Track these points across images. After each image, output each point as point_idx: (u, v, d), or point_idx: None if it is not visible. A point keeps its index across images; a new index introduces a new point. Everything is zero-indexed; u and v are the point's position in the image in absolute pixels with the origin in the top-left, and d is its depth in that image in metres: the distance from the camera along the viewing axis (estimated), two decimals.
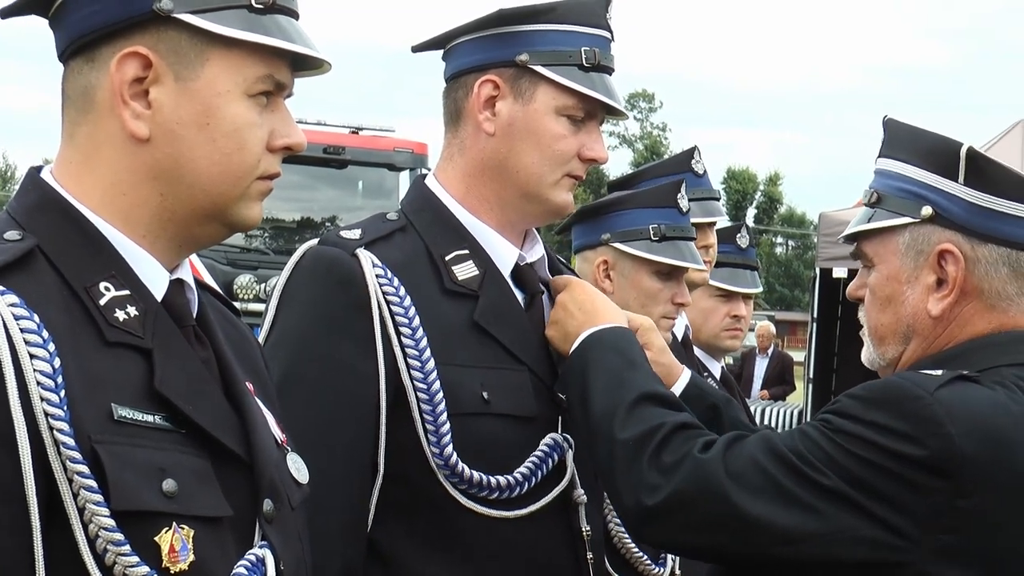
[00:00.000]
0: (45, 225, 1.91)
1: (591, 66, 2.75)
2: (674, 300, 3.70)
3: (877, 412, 2.31)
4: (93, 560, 1.74)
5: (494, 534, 2.65)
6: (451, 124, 2.83)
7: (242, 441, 1.99)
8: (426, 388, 2.59)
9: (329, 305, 2.63)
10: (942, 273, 2.45)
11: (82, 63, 1.96)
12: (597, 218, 3.76)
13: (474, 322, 2.70)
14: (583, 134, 2.77)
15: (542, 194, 2.76)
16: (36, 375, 1.73)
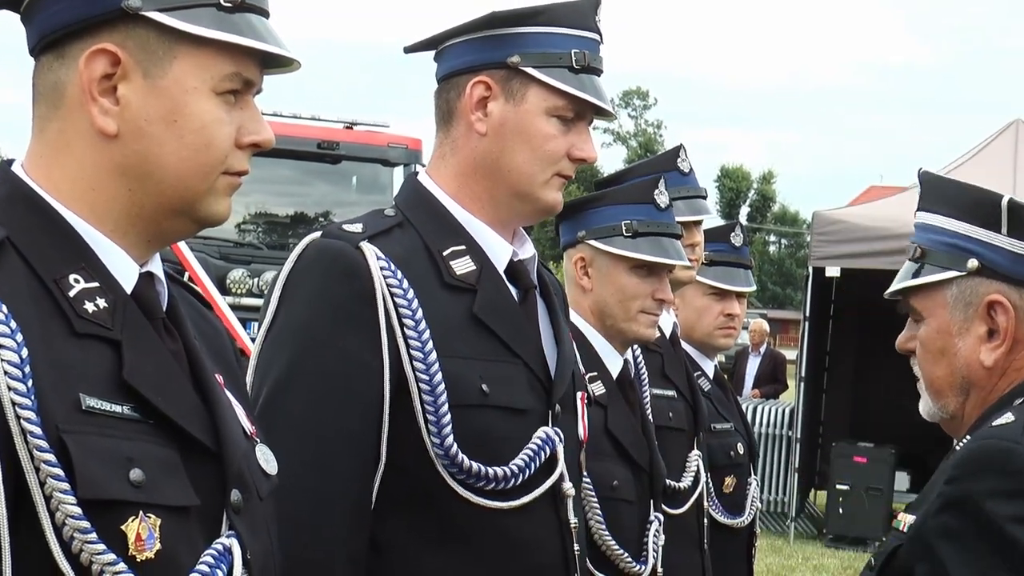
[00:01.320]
0: (15, 217, 1.91)
1: (581, 68, 2.77)
2: (655, 296, 3.68)
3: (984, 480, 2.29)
4: (60, 548, 1.75)
5: (488, 524, 2.66)
6: (443, 124, 2.84)
7: (210, 432, 1.99)
8: (428, 380, 2.61)
9: (335, 296, 2.63)
10: (993, 324, 2.44)
11: (52, 59, 1.97)
12: (575, 216, 3.77)
13: (473, 315, 2.72)
14: (572, 134, 2.79)
15: (533, 193, 2.79)
16: (3, 364, 1.73)
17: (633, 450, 3.69)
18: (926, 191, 2.57)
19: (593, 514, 3.53)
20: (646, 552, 3.66)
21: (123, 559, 1.78)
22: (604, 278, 3.69)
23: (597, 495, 3.54)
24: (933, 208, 2.53)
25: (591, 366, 3.65)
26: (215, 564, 1.90)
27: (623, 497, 3.63)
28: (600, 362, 3.70)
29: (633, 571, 3.61)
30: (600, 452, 3.56)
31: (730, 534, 4.57)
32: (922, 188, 2.58)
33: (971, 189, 2.52)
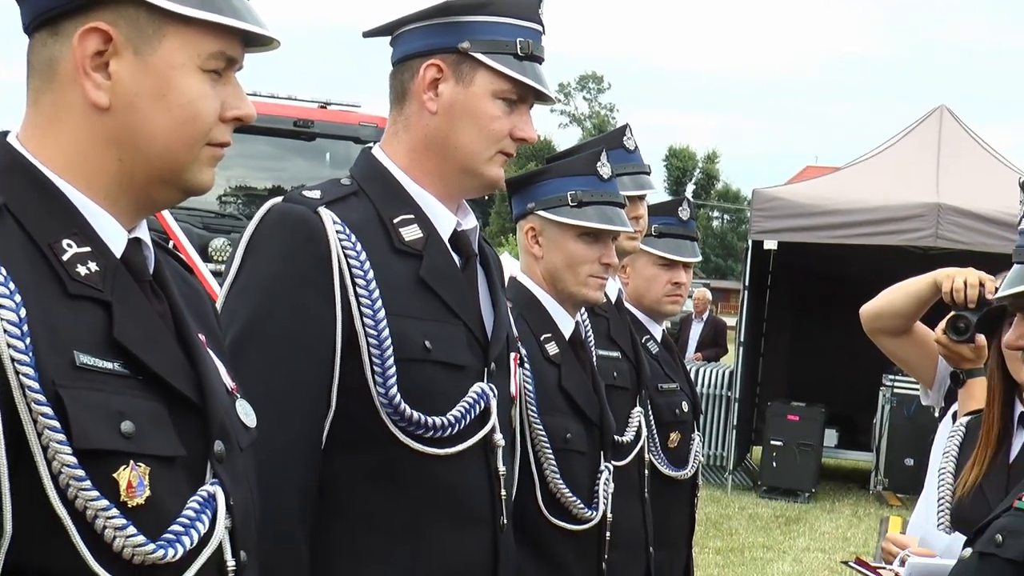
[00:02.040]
0: (10, 186, 1.91)
1: (524, 55, 2.81)
2: (601, 261, 3.69)
3: None
4: (56, 495, 1.75)
5: (425, 469, 2.70)
6: (397, 103, 2.88)
7: (195, 387, 1.99)
8: (376, 335, 2.65)
9: (295, 256, 2.66)
10: None
11: (46, 36, 1.95)
12: (524, 189, 3.79)
13: (419, 278, 2.75)
14: (515, 116, 2.83)
15: (477, 168, 2.83)
16: (3, 324, 1.73)
17: (585, 406, 3.70)
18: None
19: (548, 464, 3.55)
20: (596, 499, 3.68)
21: (115, 505, 1.79)
22: (553, 246, 3.70)
23: (552, 447, 3.56)
24: None
25: (545, 328, 3.69)
26: (200, 510, 1.92)
27: (576, 449, 3.64)
28: (553, 324, 3.71)
29: (585, 516, 3.63)
30: (554, 408, 3.60)
31: (675, 485, 4.60)
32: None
33: None
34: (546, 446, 3.55)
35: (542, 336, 3.66)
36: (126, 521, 1.80)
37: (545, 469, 3.55)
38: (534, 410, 3.54)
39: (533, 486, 3.52)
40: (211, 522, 1.94)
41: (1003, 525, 2.43)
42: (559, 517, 3.57)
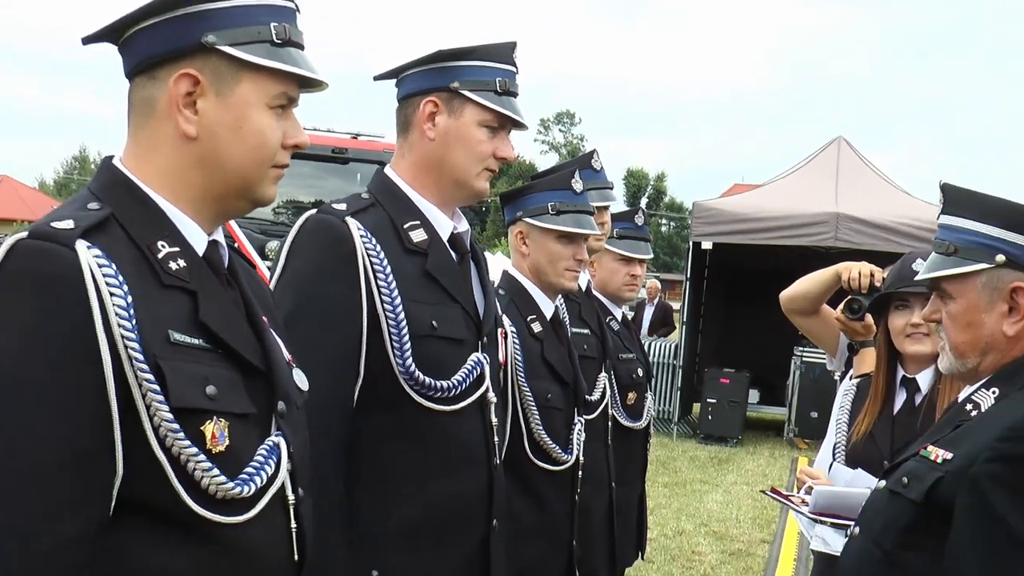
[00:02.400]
0: (116, 199, 1.92)
1: (503, 92, 2.83)
2: (575, 257, 3.71)
3: None
4: (157, 443, 1.78)
5: (434, 422, 2.70)
6: (402, 132, 2.88)
7: (261, 359, 2.01)
8: (395, 317, 2.65)
9: (328, 256, 2.66)
10: (1013, 303, 2.37)
11: (145, 80, 1.96)
12: (514, 201, 3.79)
13: (426, 271, 2.76)
14: (497, 140, 2.85)
15: (468, 182, 2.84)
16: (115, 308, 1.75)
17: (562, 372, 3.70)
18: (950, 199, 2.49)
19: (533, 419, 3.57)
20: (571, 446, 3.69)
21: (202, 451, 1.82)
22: (537, 246, 3.70)
23: (536, 404, 3.57)
24: (957, 212, 2.45)
25: (531, 311, 3.69)
26: (267, 456, 1.94)
27: (555, 406, 3.64)
28: (537, 307, 3.71)
29: (562, 459, 3.64)
30: (538, 374, 3.60)
31: (632, 434, 4.60)
32: (946, 196, 2.50)
33: (997, 199, 2.44)
34: (531, 404, 3.57)
35: (528, 317, 3.66)
36: (211, 464, 1.83)
37: (531, 422, 3.56)
38: (522, 376, 3.56)
39: (521, 436, 3.52)
40: (276, 465, 1.95)
41: (909, 469, 2.40)
42: (542, 460, 3.58)
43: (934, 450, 2.36)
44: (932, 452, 2.36)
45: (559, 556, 3.67)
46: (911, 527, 2.33)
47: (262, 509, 1.91)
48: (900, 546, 2.34)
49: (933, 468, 2.32)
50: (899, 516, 2.36)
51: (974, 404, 2.41)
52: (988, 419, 2.32)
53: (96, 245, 1.78)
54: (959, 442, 2.32)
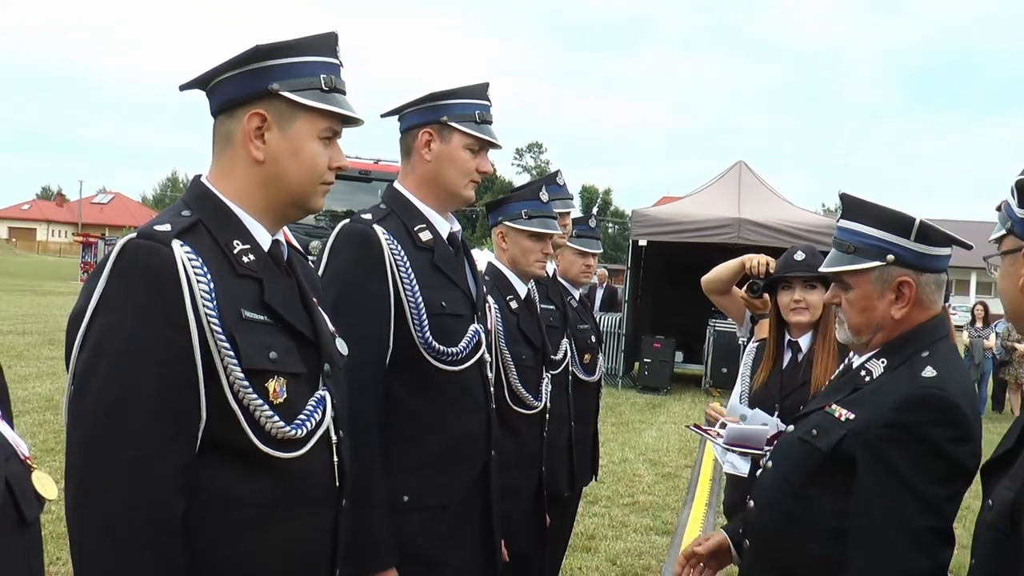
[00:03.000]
0: (203, 208, 1.94)
1: (482, 121, 2.77)
2: (542, 252, 3.68)
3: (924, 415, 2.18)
4: (232, 397, 1.81)
5: (447, 379, 2.67)
6: (405, 156, 2.82)
7: (312, 331, 2.01)
8: (415, 301, 2.61)
9: (361, 257, 2.61)
10: (899, 293, 2.35)
11: (225, 118, 1.99)
12: (496, 209, 3.77)
13: (433, 264, 2.71)
14: (479, 159, 2.78)
15: (458, 193, 2.79)
16: (201, 292, 1.78)
17: (534, 339, 3.68)
18: (847, 206, 2.44)
19: (511, 375, 3.56)
20: (541, 395, 3.68)
21: (267, 403, 1.84)
22: (514, 243, 3.67)
23: (514, 364, 3.57)
24: (855, 218, 2.41)
25: (509, 292, 3.66)
26: (315, 406, 1.96)
27: (528, 365, 3.63)
28: (514, 289, 3.68)
29: (534, 405, 3.63)
30: (515, 340, 3.59)
31: (588, 386, 4.57)
32: (844, 203, 2.45)
33: (890, 211, 2.39)
34: (510, 363, 3.56)
35: (507, 296, 3.63)
36: (273, 413, 1.85)
37: (509, 377, 3.55)
38: (503, 341, 3.54)
39: (503, 388, 3.50)
40: (322, 414, 1.96)
41: (817, 422, 2.37)
42: (518, 406, 3.57)
43: (838, 409, 2.33)
44: (836, 410, 2.33)
45: (531, 479, 3.65)
46: (817, 469, 2.30)
47: (311, 447, 1.93)
48: (807, 483, 2.31)
49: (837, 424, 2.29)
50: (808, 459, 2.33)
51: (867, 371, 2.38)
52: (882, 387, 2.29)
53: (187, 243, 1.82)
54: (858, 404, 2.29)
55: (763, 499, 2.45)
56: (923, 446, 2.14)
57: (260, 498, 1.85)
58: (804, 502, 2.31)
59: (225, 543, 1.82)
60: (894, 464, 2.14)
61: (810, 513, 2.29)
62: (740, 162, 17.04)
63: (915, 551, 2.09)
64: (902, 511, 2.12)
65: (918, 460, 2.13)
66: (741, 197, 15.61)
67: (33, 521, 1.40)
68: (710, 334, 16.02)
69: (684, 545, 2.87)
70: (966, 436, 2.17)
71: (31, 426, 8.81)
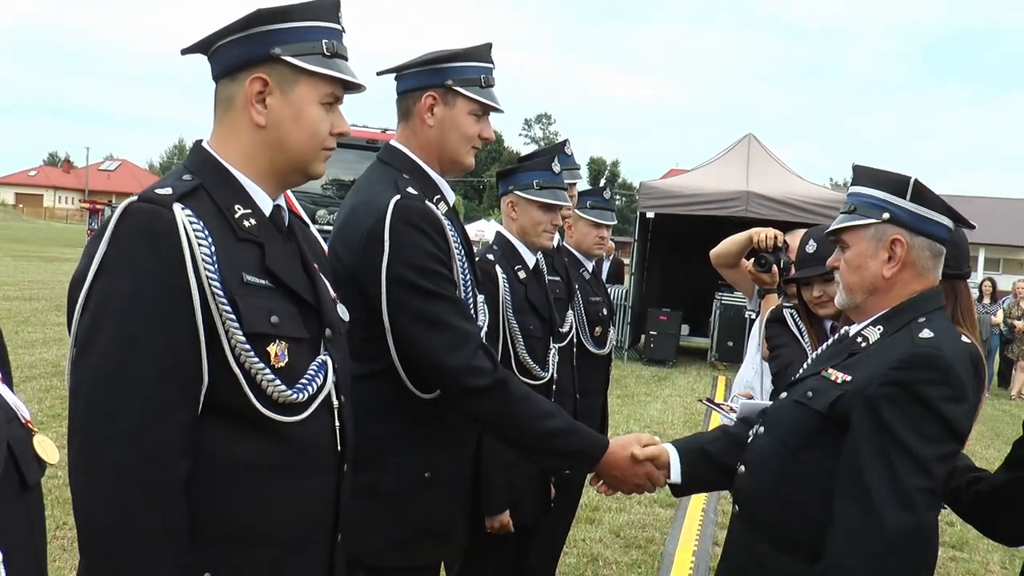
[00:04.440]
0: (204, 173, 1.93)
1: (486, 85, 2.70)
2: (552, 223, 3.65)
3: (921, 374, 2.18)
4: (233, 360, 1.81)
5: None
6: (403, 119, 2.73)
7: (313, 296, 2.00)
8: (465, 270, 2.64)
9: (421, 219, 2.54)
10: (892, 252, 2.35)
11: (227, 82, 1.97)
12: (507, 177, 3.71)
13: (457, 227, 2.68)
14: (481, 124, 2.72)
15: (460, 159, 2.72)
16: (202, 256, 1.78)
17: (541, 309, 3.65)
18: (857, 174, 2.46)
19: (519, 345, 3.53)
20: (547, 365, 3.66)
21: (268, 367, 1.84)
22: (524, 213, 3.63)
23: (521, 334, 3.54)
24: (862, 183, 2.42)
25: (517, 262, 3.62)
26: (317, 370, 1.95)
27: (535, 335, 3.60)
28: (523, 259, 3.64)
29: (540, 375, 3.61)
30: (522, 310, 3.55)
31: (598, 359, 4.54)
32: (855, 172, 2.47)
33: (889, 172, 2.40)
34: (517, 333, 3.52)
35: (516, 267, 3.60)
36: (274, 376, 1.85)
37: (517, 347, 3.52)
38: (511, 312, 3.51)
39: (510, 358, 3.49)
40: (324, 378, 1.96)
41: (812, 385, 2.38)
42: (525, 376, 3.53)
43: (834, 372, 2.34)
44: (832, 374, 2.34)
45: None
46: (814, 431, 2.30)
47: (313, 411, 1.93)
48: (804, 444, 2.32)
49: (833, 387, 2.30)
50: (803, 421, 2.34)
51: (864, 337, 2.38)
52: (877, 351, 2.30)
53: (188, 207, 1.81)
54: (854, 367, 2.30)
55: (756, 464, 2.46)
56: (918, 405, 2.15)
57: (262, 461, 1.85)
58: (799, 465, 2.32)
59: (227, 505, 1.82)
60: (887, 421, 2.15)
61: (805, 476, 2.30)
62: (749, 135, 16.92)
63: (902, 509, 2.10)
64: (891, 468, 2.12)
65: (912, 418, 2.14)
66: (750, 170, 15.53)
67: (35, 485, 1.44)
68: (716, 307, 16.01)
69: (689, 518, 2.88)
70: (961, 396, 2.18)
71: (37, 391, 8.84)
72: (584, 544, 6.05)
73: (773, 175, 15.53)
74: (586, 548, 5.99)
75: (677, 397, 12.26)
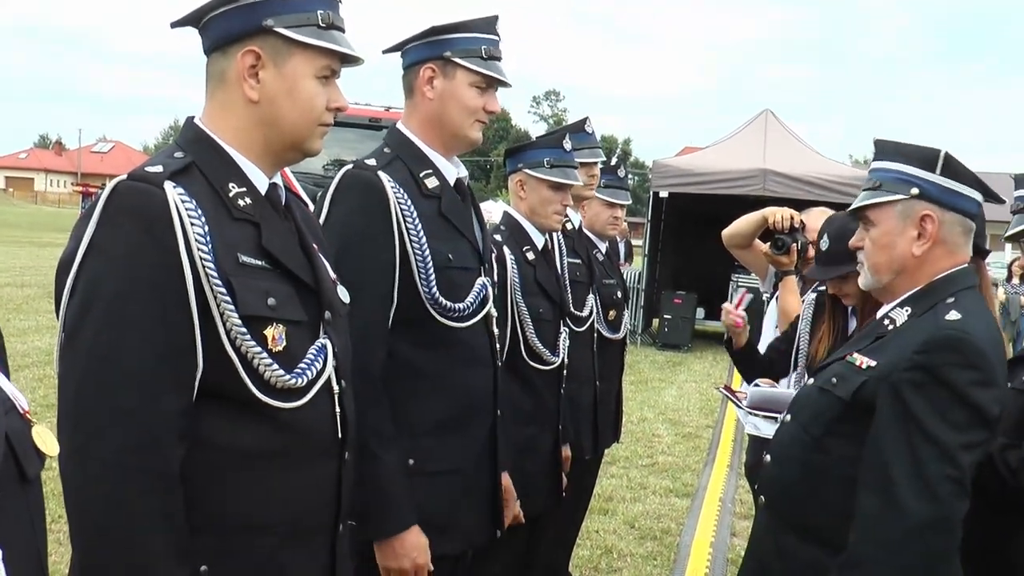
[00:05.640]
0: (197, 150, 1.91)
1: (489, 57, 2.68)
2: (562, 203, 3.63)
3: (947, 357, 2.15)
4: (229, 344, 1.79)
5: (453, 336, 2.64)
6: (408, 95, 2.73)
7: (312, 277, 1.99)
8: (421, 253, 2.56)
9: (365, 203, 2.55)
10: (922, 229, 2.32)
11: (219, 56, 1.95)
12: (515, 154, 3.70)
13: (441, 213, 2.66)
14: (486, 97, 2.70)
15: (464, 133, 2.70)
16: (195, 236, 1.76)
17: (551, 292, 3.64)
18: (880, 148, 2.43)
19: (528, 329, 3.52)
20: (558, 350, 3.64)
21: (265, 350, 1.82)
22: (533, 192, 3.61)
23: (530, 317, 3.52)
24: (886, 158, 2.38)
25: (526, 242, 3.61)
26: (316, 354, 1.94)
27: (545, 319, 3.58)
28: (531, 240, 3.63)
29: (551, 360, 3.60)
30: (531, 292, 3.54)
31: (612, 343, 4.54)
32: (877, 147, 2.44)
33: (916, 145, 2.37)
34: (526, 317, 3.51)
35: (524, 248, 3.58)
36: (272, 361, 1.83)
37: (526, 331, 3.51)
38: (519, 294, 3.50)
39: (519, 343, 3.48)
40: (324, 362, 1.95)
41: (837, 371, 2.36)
42: (535, 361, 3.54)
43: (859, 357, 2.32)
44: (857, 359, 2.32)
45: (547, 437, 3.63)
46: (837, 419, 2.29)
47: (312, 397, 1.92)
48: (827, 433, 2.31)
49: (858, 372, 2.28)
50: (827, 409, 2.32)
51: (891, 320, 2.36)
52: (904, 334, 2.27)
53: (180, 185, 1.80)
54: (880, 352, 2.28)
55: (780, 453, 2.45)
56: (944, 390, 2.12)
57: (261, 449, 1.84)
58: (823, 454, 2.31)
59: (223, 495, 1.81)
60: (912, 407, 2.13)
61: (829, 465, 2.29)
62: (766, 110, 16.83)
63: (926, 499, 2.08)
64: (915, 456, 2.10)
65: (938, 404, 2.12)
66: (767, 147, 15.46)
67: (35, 478, 1.42)
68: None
69: (706, 508, 2.86)
70: (990, 380, 2.15)
71: (30, 381, 8.87)
72: (598, 535, 6.05)
73: (791, 152, 15.46)
74: (600, 539, 5.98)
75: (693, 383, 12.24)
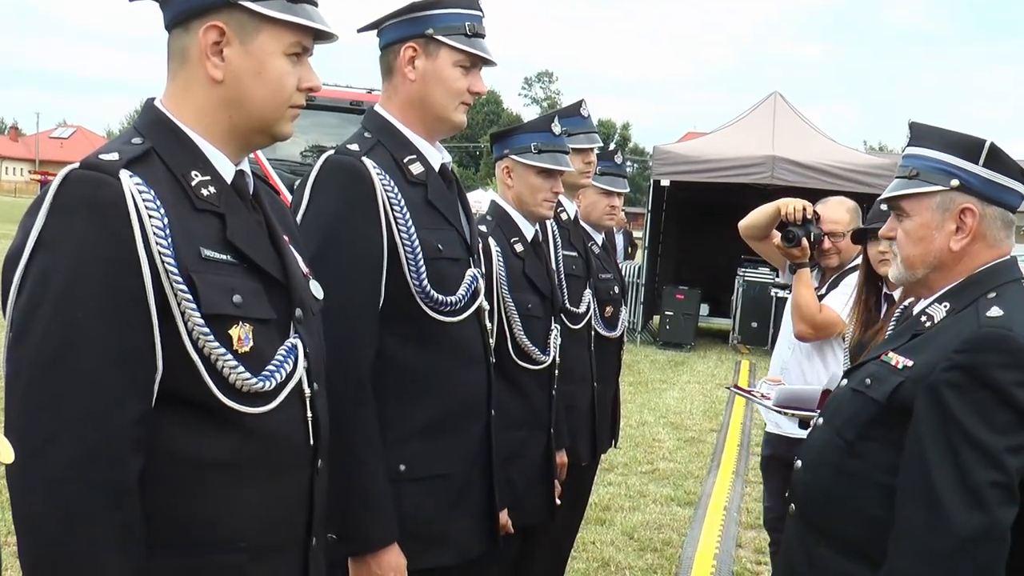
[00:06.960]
0: (156, 135, 1.89)
1: (473, 34, 2.68)
2: (552, 190, 3.62)
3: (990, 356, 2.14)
4: (191, 345, 1.77)
5: (444, 330, 2.64)
6: (387, 76, 2.73)
7: (281, 272, 1.97)
8: (411, 245, 2.56)
9: (350, 192, 2.55)
10: (961, 223, 2.31)
11: (180, 32, 1.92)
12: (502, 140, 3.70)
13: (427, 200, 2.66)
14: (470, 77, 2.70)
15: (447, 116, 2.70)
16: (153, 228, 1.73)
17: (541, 286, 3.62)
18: (916, 133, 2.41)
19: (515, 326, 3.51)
20: (549, 348, 3.63)
21: (230, 352, 1.81)
22: (521, 179, 3.60)
23: (518, 314, 3.51)
24: (923, 144, 2.38)
25: (514, 233, 3.60)
26: (286, 355, 1.92)
27: (534, 315, 3.57)
28: (520, 231, 3.62)
29: (541, 360, 3.58)
30: (520, 287, 3.53)
31: (609, 342, 4.54)
32: (912, 131, 2.42)
33: (958, 133, 2.36)
34: (514, 313, 3.50)
35: (512, 239, 3.57)
36: (237, 363, 1.81)
37: (513, 328, 3.49)
38: (506, 289, 3.48)
39: (506, 340, 3.46)
40: (294, 364, 1.93)
41: (872, 372, 2.35)
42: (524, 360, 3.52)
43: (894, 356, 2.31)
44: (893, 358, 2.31)
45: (539, 441, 3.61)
46: (872, 422, 2.28)
47: (282, 401, 1.90)
48: (861, 437, 2.30)
49: (894, 373, 2.27)
50: (861, 411, 2.32)
51: (928, 316, 2.35)
52: (942, 332, 2.27)
53: (137, 174, 1.77)
54: (917, 351, 2.27)
55: (812, 458, 2.44)
56: (987, 391, 2.12)
57: (226, 458, 1.82)
58: (857, 459, 2.30)
59: (188, 507, 1.79)
60: (953, 410, 2.12)
61: (864, 471, 2.28)
62: (775, 93, 16.83)
63: (972, 508, 2.07)
64: (959, 463, 2.09)
65: (980, 406, 2.11)
66: (776, 133, 15.47)
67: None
68: (739, 285, 15.99)
69: (709, 517, 2.86)
70: None
71: None
72: (594, 547, 6.05)
73: (801, 138, 15.47)
74: (596, 551, 5.98)
75: (696, 384, 12.26)
